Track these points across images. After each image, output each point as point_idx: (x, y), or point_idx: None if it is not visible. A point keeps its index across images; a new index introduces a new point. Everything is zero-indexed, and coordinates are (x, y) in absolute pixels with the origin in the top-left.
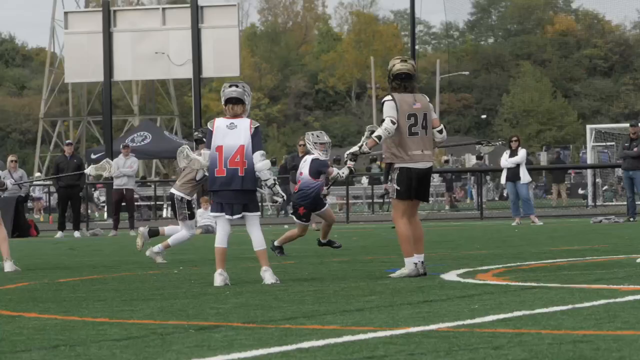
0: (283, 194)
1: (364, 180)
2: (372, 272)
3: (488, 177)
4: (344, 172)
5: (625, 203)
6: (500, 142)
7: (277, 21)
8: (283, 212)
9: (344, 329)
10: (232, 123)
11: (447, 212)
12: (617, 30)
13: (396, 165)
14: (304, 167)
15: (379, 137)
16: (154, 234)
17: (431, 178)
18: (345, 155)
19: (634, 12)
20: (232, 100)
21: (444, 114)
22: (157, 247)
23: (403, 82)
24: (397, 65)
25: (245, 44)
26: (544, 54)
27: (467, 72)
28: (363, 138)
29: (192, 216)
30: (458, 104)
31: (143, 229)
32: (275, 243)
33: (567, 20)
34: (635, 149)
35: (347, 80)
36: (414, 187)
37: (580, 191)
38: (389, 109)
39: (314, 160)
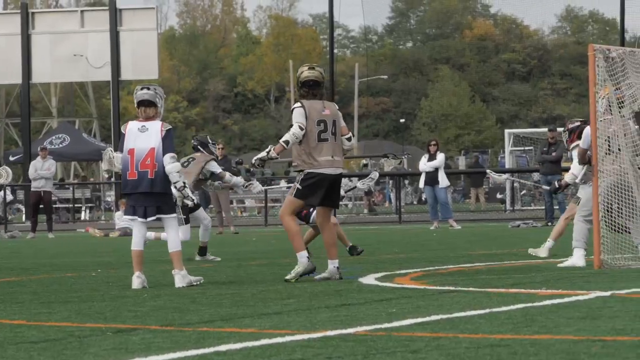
0: (193, 197)
1: (283, 183)
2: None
3: (406, 181)
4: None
5: (543, 207)
6: (406, 155)
7: (196, 24)
8: None
9: (261, 332)
10: (144, 126)
11: (366, 216)
12: (535, 35)
13: (306, 170)
14: None
15: (287, 142)
16: None
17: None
18: (253, 161)
19: (552, 17)
20: (144, 103)
21: (362, 117)
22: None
23: (311, 89)
24: (305, 72)
25: (164, 47)
26: (462, 59)
27: (385, 76)
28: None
29: (187, 220)
30: (377, 108)
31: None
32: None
33: (486, 25)
34: (553, 154)
35: (266, 84)
36: (323, 193)
37: (499, 195)
38: (298, 115)
39: None
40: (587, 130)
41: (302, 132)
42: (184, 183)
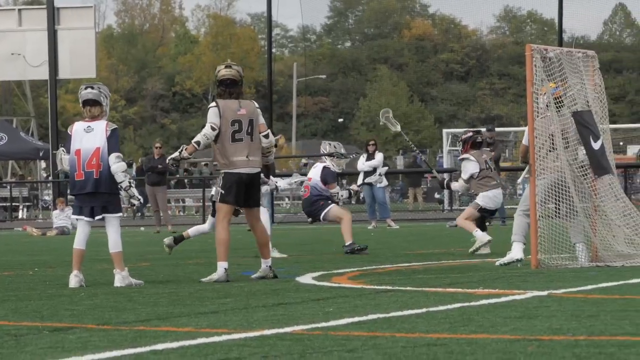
0: (139, 197)
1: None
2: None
3: (344, 181)
4: (343, 194)
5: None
6: (354, 155)
7: (134, 23)
8: (140, 214)
9: (198, 331)
10: (89, 126)
11: (304, 215)
12: (473, 35)
13: (222, 171)
14: (313, 173)
15: (198, 143)
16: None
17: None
18: (167, 160)
19: (490, 17)
20: (89, 102)
21: (300, 117)
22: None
23: (227, 88)
24: (222, 71)
25: (102, 46)
26: (400, 58)
27: (324, 76)
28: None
29: (213, 214)
30: (315, 108)
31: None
32: (346, 244)
33: (424, 25)
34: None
35: (204, 83)
36: (241, 193)
37: (437, 195)
38: (211, 115)
39: (325, 168)
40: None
41: (213, 132)
42: (130, 182)
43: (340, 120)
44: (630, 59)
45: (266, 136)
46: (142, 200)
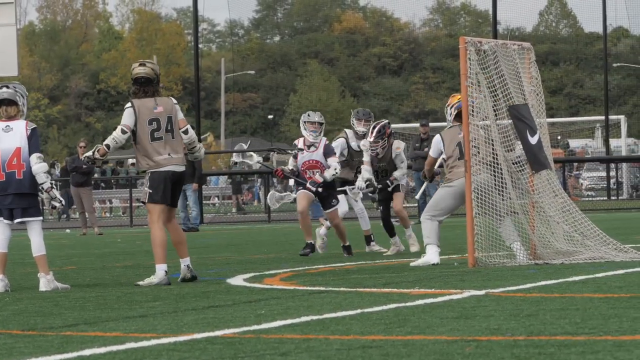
0: (61, 199)
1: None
2: None
3: (275, 180)
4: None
5: (416, 205)
6: (296, 151)
7: (57, 19)
8: (65, 216)
9: (126, 335)
10: (8, 126)
11: (234, 215)
12: (406, 28)
13: (148, 171)
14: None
15: (108, 146)
16: None
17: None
18: (82, 158)
19: (423, 10)
20: (4, 102)
21: (229, 114)
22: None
23: (142, 87)
24: (136, 69)
25: (24, 43)
26: (331, 53)
27: (252, 72)
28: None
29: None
30: (244, 104)
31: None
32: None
33: (355, 18)
34: (425, 149)
35: (129, 80)
36: (168, 191)
37: (370, 194)
38: (125, 116)
39: (326, 146)
40: (437, 138)
41: (124, 135)
42: (52, 184)
43: (270, 117)
44: (567, 50)
45: (185, 132)
46: (63, 203)
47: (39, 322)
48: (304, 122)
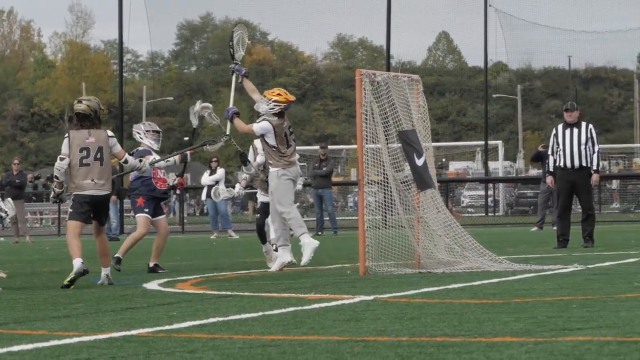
0: (6, 210)
1: None
2: (79, 281)
3: (188, 195)
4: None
5: (314, 219)
6: (224, 139)
7: None
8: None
9: (52, 334)
10: None
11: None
12: (309, 60)
13: (73, 193)
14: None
15: (56, 177)
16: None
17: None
18: (51, 200)
19: (324, 44)
20: None
21: None
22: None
23: (80, 121)
24: (75, 105)
25: None
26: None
27: (171, 98)
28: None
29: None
30: (163, 127)
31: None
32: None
33: (264, 51)
34: (324, 169)
35: (60, 105)
36: (91, 211)
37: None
38: (63, 145)
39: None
40: (268, 125)
41: (62, 162)
42: None
43: (186, 138)
44: (452, 82)
45: (125, 162)
46: (8, 213)
47: None
48: (146, 131)
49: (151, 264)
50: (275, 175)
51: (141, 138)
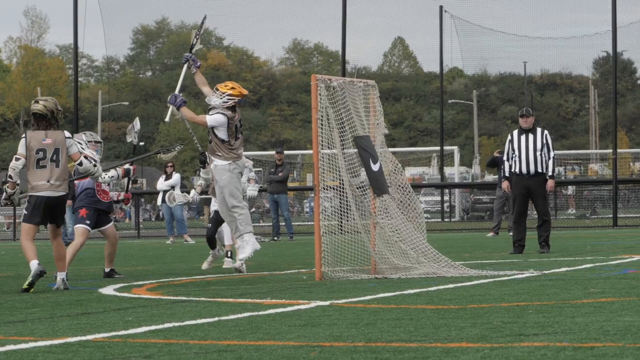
0: None
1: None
2: (35, 286)
3: (143, 200)
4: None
5: (270, 224)
6: (178, 147)
7: None
8: None
9: (7, 339)
10: None
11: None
12: (265, 65)
13: (28, 193)
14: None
15: (10, 177)
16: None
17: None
18: (1, 202)
19: (280, 50)
20: None
21: (105, 140)
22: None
23: (36, 121)
24: (32, 105)
25: None
26: (197, 87)
27: (127, 103)
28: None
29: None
30: (118, 132)
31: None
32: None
33: (220, 56)
34: (280, 174)
35: (16, 109)
36: (45, 214)
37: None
38: (19, 146)
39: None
40: (222, 118)
41: (17, 162)
42: None
43: (142, 143)
44: (408, 87)
45: (80, 164)
46: None
47: None
48: (88, 142)
49: (107, 269)
50: (227, 168)
51: (82, 149)
